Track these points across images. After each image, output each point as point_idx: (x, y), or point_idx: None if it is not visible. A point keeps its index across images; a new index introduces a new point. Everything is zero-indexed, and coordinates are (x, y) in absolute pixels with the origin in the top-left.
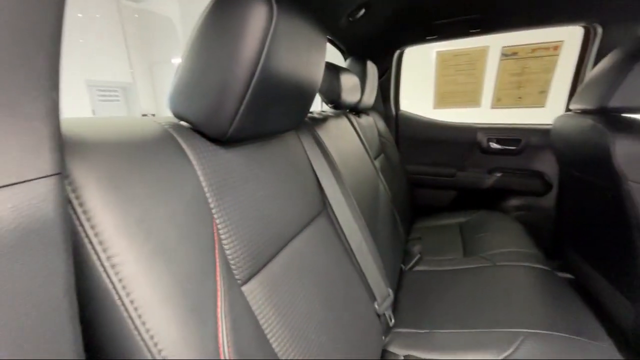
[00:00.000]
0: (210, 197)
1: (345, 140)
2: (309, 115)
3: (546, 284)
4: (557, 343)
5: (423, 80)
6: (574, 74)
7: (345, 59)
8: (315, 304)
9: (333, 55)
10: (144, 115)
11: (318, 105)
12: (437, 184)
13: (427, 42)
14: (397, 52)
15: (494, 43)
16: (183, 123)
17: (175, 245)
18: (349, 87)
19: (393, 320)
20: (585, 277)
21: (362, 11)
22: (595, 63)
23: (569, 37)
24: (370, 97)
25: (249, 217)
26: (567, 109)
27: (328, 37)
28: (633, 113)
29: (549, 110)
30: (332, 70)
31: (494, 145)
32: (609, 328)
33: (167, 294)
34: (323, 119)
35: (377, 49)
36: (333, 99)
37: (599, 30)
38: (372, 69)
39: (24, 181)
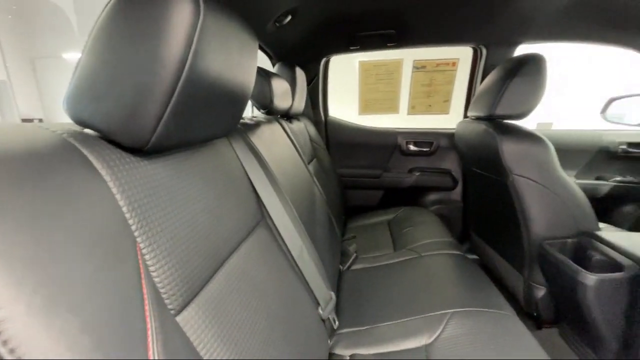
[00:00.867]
0: (130, 217)
1: (279, 146)
2: (241, 121)
3: (460, 267)
4: (474, 317)
5: (350, 87)
6: (468, 86)
7: (274, 65)
8: (260, 321)
9: (260, 60)
10: (26, 120)
11: (249, 111)
12: (366, 185)
13: (351, 51)
14: (324, 60)
15: (407, 57)
16: (88, 131)
17: (83, 285)
18: (281, 92)
19: (337, 323)
20: (487, 257)
21: (289, 17)
22: (483, 78)
23: (463, 55)
24: (300, 103)
25: (179, 238)
26: (465, 116)
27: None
28: (513, 119)
29: (452, 117)
30: (264, 75)
31: (411, 147)
32: (508, 297)
33: (78, 351)
34: (255, 125)
35: (305, 56)
36: (265, 104)
37: (484, 51)
38: (301, 75)
39: None
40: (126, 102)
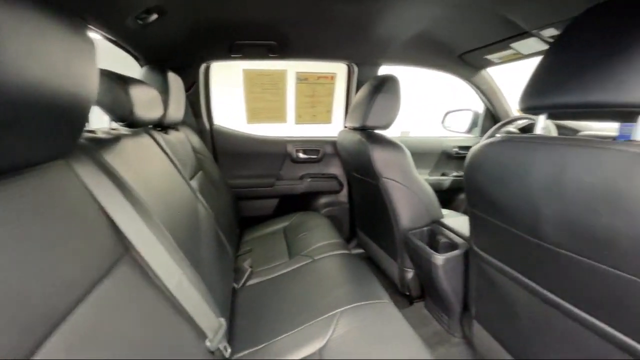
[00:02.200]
0: None
1: (149, 162)
2: (89, 136)
3: (347, 266)
4: (360, 311)
5: (238, 95)
6: (345, 99)
7: (142, 67)
8: None
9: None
10: None
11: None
12: (260, 194)
13: (233, 59)
14: (204, 66)
15: (291, 68)
16: None
17: None
18: (145, 100)
19: (229, 350)
20: (371, 250)
21: (155, 16)
22: (357, 91)
23: (340, 70)
24: (177, 111)
25: None
26: (345, 126)
27: (113, 38)
28: (381, 129)
29: (335, 126)
30: (117, 81)
31: (301, 155)
32: (388, 282)
33: None
34: (113, 140)
35: (181, 60)
36: (123, 115)
37: (355, 68)
38: (176, 81)
39: None
40: None
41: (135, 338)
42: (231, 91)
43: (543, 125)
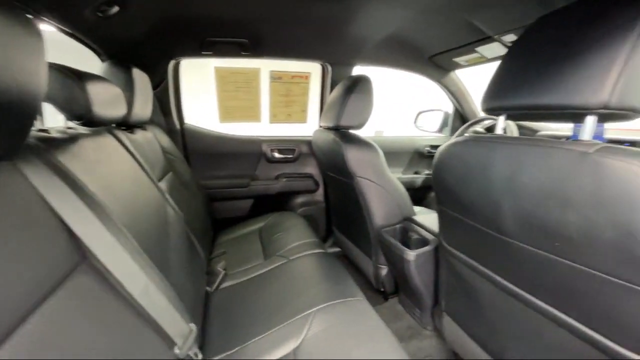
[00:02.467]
0: None
1: (112, 163)
2: (40, 135)
3: (322, 265)
4: (334, 310)
5: (211, 94)
6: (320, 98)
7: (103, 62)
8: None
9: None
10: None
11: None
12: (234, 195)
13: (204, 56)
14: (173, 63)
15: (265, 67)
16: None
17: None
18: (106, 98)
19: (200, 356)
20: (347, 248)
21: (116, 9)
22: (331, 91)
23: (315, 70)
24: (144, 109)
25: None
26: (320, 126)
27: (69, 31)
28: (355, 129)
29: (310, 126)
30: (71, 76)
31: (276, 155)
32: (363, 279)
33: None
34: (69, 140)
35: (147, 56)
36: (79, 113)
37: (329, 68)
38: (141, 77)
39: None
40: None
41: (96, 350)
42: (203, 89)
43: (503, 125)
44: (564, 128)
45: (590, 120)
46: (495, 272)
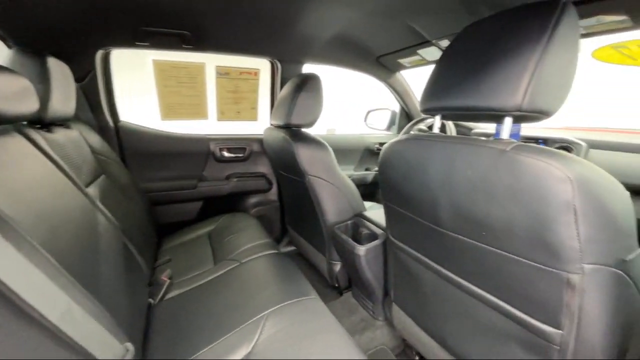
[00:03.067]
0: None
1: (21, 168)
2: None
3: (275, 266)
4: (287, 311)
5: (151, 89)
6: (270, 96)
7: (10, 49)
8: None
9: None
10: None
11: None
12: (181, 198)
13: (139, 47)
14: (101, 53)
15: (210, 62)
16: None
17: None
18: (10, 91)
19: None
20: (301, 246)
21: None
22: (281, 88)
23: (264, 66)
24: (64, 105)
25: None
26: (271, 124)
27: None
28: (305, 127)
29: (261, 124)
30: None
31: (225, 154)
32: (318, 276)
33: None
34: None
35: (67, 44)
36: None
37: (279, 65)
38: (60, 68)
39: None
40: None
41: None
42: (142, 84)
43: (439, 124)
44: (494, 127)
45: (508, 121)
46: (435, 261)
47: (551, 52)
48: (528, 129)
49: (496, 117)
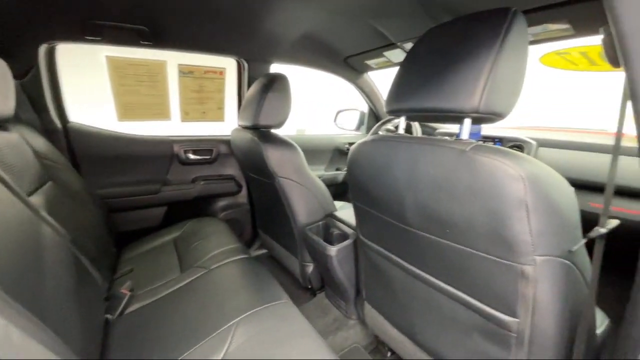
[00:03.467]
0: None
1: None
2: None
3: (245, 271)
4: (258, 317)
5: (106, 87)
6: (237, 96)
7: None
8: None
9: None
10: None
11: None
12: (141, 204)
13: (89, 42)
14: (45, 47)
15: (172, 60)
16: None
17: None
18: None
19: None
20: (273, 249)
21: None
22: (248, 88)
23: (230, 65)
24: (1, 104)
25: None
26: (238, 124)
27: None
28: (274, 128)
29: (228, 124)
30: None
31: (191, 156)
32: (291, 279)
33: None
34: None
35: (3, 37)
36: None
37: (246, 64)
38: None
39: None
40: None
41: None
42: (95, 82)
43: (403, 125)
44: (457, 127)
45: (467, 122)
46: (403, 259)
47: (504, 57)
48: (486, 128)
49: (457, 118)
